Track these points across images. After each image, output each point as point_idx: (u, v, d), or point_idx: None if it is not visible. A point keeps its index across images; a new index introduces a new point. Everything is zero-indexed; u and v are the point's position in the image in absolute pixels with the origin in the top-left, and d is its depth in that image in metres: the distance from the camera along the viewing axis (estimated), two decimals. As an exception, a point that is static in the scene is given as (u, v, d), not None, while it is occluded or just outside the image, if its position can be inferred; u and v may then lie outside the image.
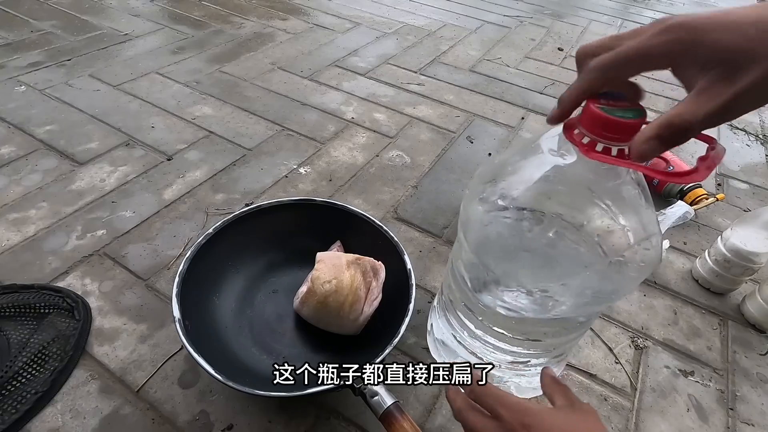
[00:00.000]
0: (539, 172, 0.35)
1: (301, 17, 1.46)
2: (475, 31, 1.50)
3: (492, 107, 1.08)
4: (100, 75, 1.04)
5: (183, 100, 0.99)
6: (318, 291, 0.49)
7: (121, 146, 0.84)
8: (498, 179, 0.38)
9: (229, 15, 1.43)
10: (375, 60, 1.24)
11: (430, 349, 0.56)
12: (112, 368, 0.52)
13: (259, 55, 1.21)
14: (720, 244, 0.66)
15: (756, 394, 0.56)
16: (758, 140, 1.09)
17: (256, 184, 0.79)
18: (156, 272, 0.62)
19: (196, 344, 0.44)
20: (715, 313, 0.65)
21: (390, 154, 0.89)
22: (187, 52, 1.18)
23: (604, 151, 0.30)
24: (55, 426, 0.47)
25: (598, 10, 1.81)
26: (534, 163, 0.35)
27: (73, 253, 0.64)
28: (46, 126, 0.87)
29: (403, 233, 0.72)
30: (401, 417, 0.40)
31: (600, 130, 0.29)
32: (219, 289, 0.55)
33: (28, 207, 0.70)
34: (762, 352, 0.61)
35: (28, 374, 0.49)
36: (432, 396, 0.52)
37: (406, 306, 0.49)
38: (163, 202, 0.73)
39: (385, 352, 0.44)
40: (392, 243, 0.55)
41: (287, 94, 1.04)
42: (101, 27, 1.27)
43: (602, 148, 0.30)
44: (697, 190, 0.79)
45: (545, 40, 1.48)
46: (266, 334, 0.54)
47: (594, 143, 0.30)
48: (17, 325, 0.53)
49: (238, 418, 0.48)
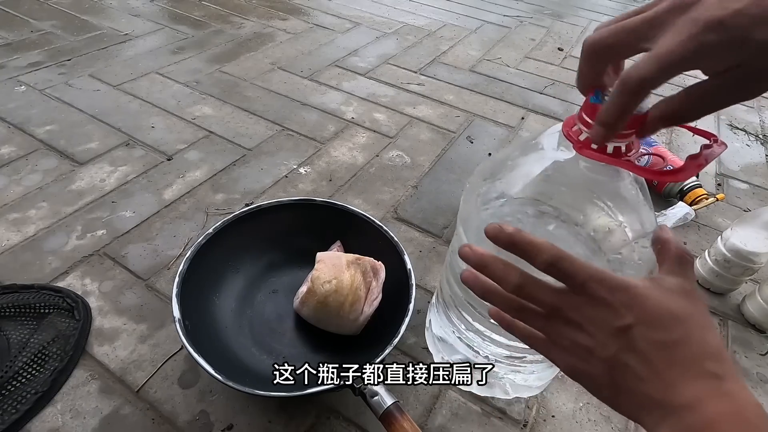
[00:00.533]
0: (539, 167, 0.35)
1: (301, 17, 1.46)
2: (475, 31, 1.50)
3: (492, 107, 1.08)
4: (100, 75, 1.04)
5: (183, 100, 0.99)
6: (318, 291, 0.49)
7: (121, 146, 0.84)
8: (497, 174, 0.38)
9: (229, 15, 1.43)
10: (375, 60, 1.24)
11: (429, 345, 0.56)
12: (112, 368, 0.52)
13: (259, 55, 1.21)
14: (720, 244, 0.66)
15: (756, 394, 0.56)
16: (758, 140, 1.09)
17: (256, 184, 0.79)
18: (156, 272, 0.62)
19: (196, 344, 0.44)
20: (715, 313, 0.65)
21: (390, 154, 0.89)
22: (187, 52, 1.18)
23: (600, 148, 0.29)
24: (55, 426, 0.47)
25: (598, 10, 1.81)
26: (534, 159, 0.35)
27: (73, 253, 0.64)
28: (46, 126, 0.87)
29: (403, 233, 0.72)
30: (401, 417, 0.40)
31: None
32: (219, 289, 0.55)
33: (28, 207, 0.70)
34: (762, 352, 0.61)
35: (28, 374, 0.49)
36: (432, 396, 0.52)
37: (406, 306, 0.49)
38: (163, 202, 0.73)
39: (385, 352, 0.44)
40: (392, 243, 0.55)
41: (287, 94, 1.04)
42: (101, 27, 1.27)
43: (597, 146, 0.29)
44: (697, 190, 0.79)
45: (545, 40, 1.48)
46: (266, 334, 0.54)
47: (590, 140, 0.29)
48: (17, 325, 0.53)
49: (238, 418, 0.48)
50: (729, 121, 1.14)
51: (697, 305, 0.25)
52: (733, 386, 0.23)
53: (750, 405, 0.23)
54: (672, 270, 0.27)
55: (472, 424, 0.50)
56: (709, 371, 0.23)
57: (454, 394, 0.52)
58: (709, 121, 1.13)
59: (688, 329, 0.24)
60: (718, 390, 0.23)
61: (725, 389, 0.23)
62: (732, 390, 0.23)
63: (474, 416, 0.51)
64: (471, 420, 0.50)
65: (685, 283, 0.26)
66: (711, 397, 0.23)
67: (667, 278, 0.26)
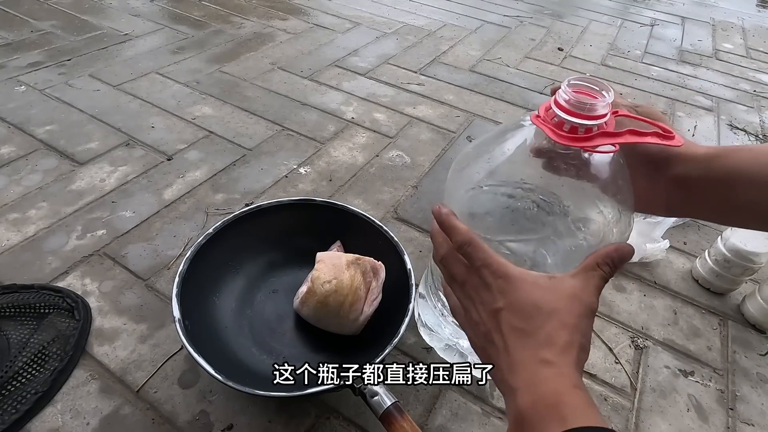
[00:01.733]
0: (515, 145, 0.35)
1: (301, 17, 1.46)
2: (475, 31, 1.50)
3: (492, 107, 1.08)
4: (100, 75, 1.04)
5: (183, 100, 0.99)
6: (318, 291, 0.49)
7: (121, 146, 0.84)
8: (481, 155, 0.38)
9: (229, 15, 1.43)
10: (375, 60, 1.24)
11: (423, 336, 0.56)
12: (112, 368, 0.52)
13: (259, 55, 1.21)
14: (720, 244, 0.66)
15: (756, 394, 0.56)
16: (758, 140, 1.09)
17: (256, 184, 0.79)
18: (156, 272, 0.62)
19: (196, 344, 0.44)
20: (715, 313, 0.65)
21: (390, 154, 0.89)
22: (187, 52, 1.18)
23: (571, 130, 0.30)
24: (55, 426, 0.47)
25: (598, 10, 1.81)
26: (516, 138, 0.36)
27: (73, 253, 0.64)
28: (46, 126, 0.87)
29: (403, 233, 0.72)
30: (401, 417, 0.40)
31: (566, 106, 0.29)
32: (219, 289, 0.55)
33: (28, 207, 0.70)
34: (762, 352, 0.61)
35: (28, 374, 0.49)
36: (432, 396, 0.52)
37: (406, 306, 0.49)
38: (163, 202, 0.73)
39: (385, 352, 0.44)
40: (392, 243, 0.55)
41: (287, 94, 1.04)
42: (101, 27, 1.27)
43: (569, 128, 0.30)
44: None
45: (545, 40, 1.48)
46: (266, 334, 0.54)
47: (562, 122, 0.30)
48: (17, 325, 0.53)
49: (238, 418, 0.48)
50: (729, 121, 1.14)
51: (571, 305, 0.28)
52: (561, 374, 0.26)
53: (565, 388, 0.26)
54: (576, 273, 0.30)
55: (472, 424, 0.50)
56: (544, 359, 0.26)
57: (454, 394, 0.52)
58: (709, 122, 1.13)
59: (543, 322, 0.27)
60: (542, 378, 0.26)
61: (551, 376, 0.26)
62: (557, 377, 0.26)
63: (474, 416, 0.51)
64: (471, 420, 0.50)
65: (577, 285, 0.29)
66: (535, 386, 0.26)
67: (562, 277, 0.29)
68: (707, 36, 1.67)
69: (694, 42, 1.60)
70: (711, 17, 1.87)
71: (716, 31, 1.73)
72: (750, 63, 1.49)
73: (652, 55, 1.46)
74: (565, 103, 0.30)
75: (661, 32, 1.66)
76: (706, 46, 1.58)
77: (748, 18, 1.93)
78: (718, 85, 1.32)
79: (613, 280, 0.67)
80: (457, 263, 0.32)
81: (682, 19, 1.81)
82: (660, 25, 1.73)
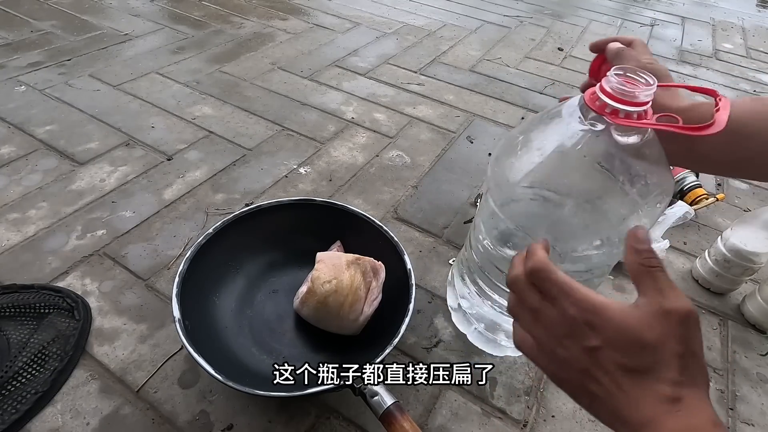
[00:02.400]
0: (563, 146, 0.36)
1: (301, 17, 1.46)
2: (475, 31, 1.50)
3: (492, 107, 1.08)
4: (100, 75, 1.04)
5: (183, 100, 0.99)
6: (318, 291, 0.49)
7: (121, 146, 0.84)
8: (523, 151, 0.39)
9: (229, 15, 1.43)
10: (375, 60, 1.24)
11: (458, 325, 0.58)
12: (112, 368, 0.52)
13: (259, 55, 1.21)
14: (720, 244, 0.66)
15: (756, 394, 0.56)
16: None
17: (256, 184, 0.79)
18: (156, 272, 0.62)
19: (196, 344, 0.44)
20: (715, 313, 0.65)
21: (390, 154, 0.89)
22: (187, 52, 1.18)
23: (626, 116, 0.31)
24: (55, 426, 0.47)
25: (598, 10, 1.81)
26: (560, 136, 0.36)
27: (73, 253, 0.64)
28: (46, 126, 0.87)
29: (403, 233, 0.72)
30: (401, 417, 0.40)
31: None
32: (219, 289, 0.55)
33: (28, 207, 0.70)
34: (762, 352, 0.61)
35: (28, 374, 0.49)
36: (432, 396, 0.52)
37: (406, 306, 0.49)
38: (163, 202, 0.73)
39: (385, 352, 0.44)
40: (392, 243, 0.55)
41: (287, 94, 1.04)
42: (101, 27, 1.27)
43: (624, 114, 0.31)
44: (697, 190, 0.79)
45: (545, 40, 1.48)
46: (266, 334, 0.54)
47: (616, 111, 0.31)
48: (17, 325, 0.53)
49: (238, 418, 0.48)
50: (729, 121, 1.14)
51: (674, 329, 0.25)
52: (691, 407, 0.24)
53: (702, 424, 0.24)
54: (646, 291, 0.26)
55: (472, 424, 0.50)
56: (668, 396, 0.24)
57: (454, 394, 0.52)
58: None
59: (656, 356, 0.25)
60: (673, 412, 0.24)
61: (682, 410, 0.24)
62: (689, 410, 0.24)
63: (474, 416, 0.51)
64: (471, 420, 0.50)
65: (664, 303, 0.26)
66: (666, 419, 0.24)
67: (644, 301, 0.26)
68: (707, 36, 1.67)
69: (694, 42, 1.60)
70: (711, 17, 1.87)
71: (716, 31, 1.73)
72: (750, 63, 1.49)
73: (652, 55, 1.45)
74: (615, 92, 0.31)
75: (661, 32, 1.66)
76: (706, 46, 1.58)
77: (748, 18, 1.93)
78: (718, 85, 1.32)
79: (613, 280, 0.67)
80: (529, 290, 0.30)
81: (682, 19, 1.81)
82: (660, 25, 1.73)
